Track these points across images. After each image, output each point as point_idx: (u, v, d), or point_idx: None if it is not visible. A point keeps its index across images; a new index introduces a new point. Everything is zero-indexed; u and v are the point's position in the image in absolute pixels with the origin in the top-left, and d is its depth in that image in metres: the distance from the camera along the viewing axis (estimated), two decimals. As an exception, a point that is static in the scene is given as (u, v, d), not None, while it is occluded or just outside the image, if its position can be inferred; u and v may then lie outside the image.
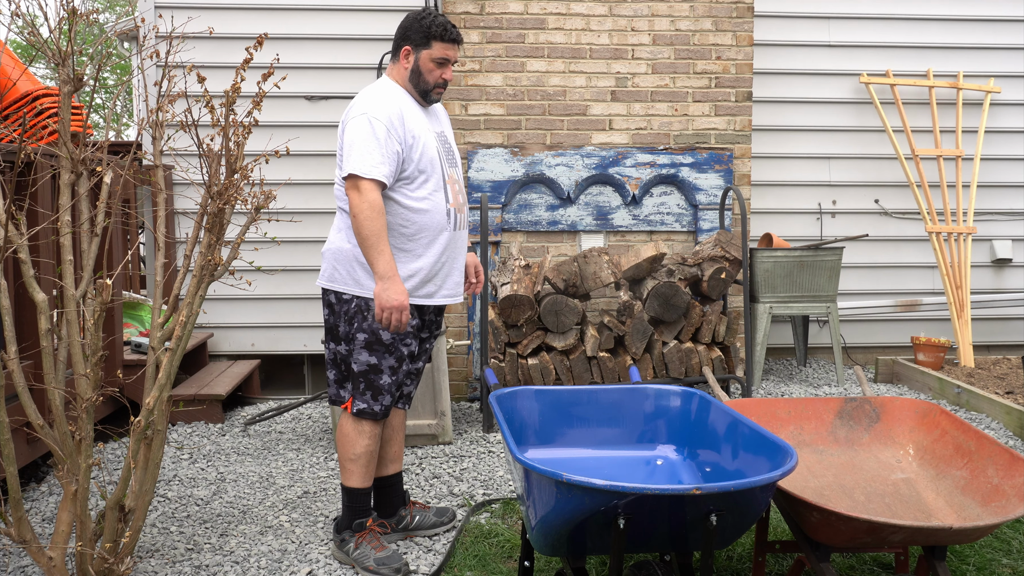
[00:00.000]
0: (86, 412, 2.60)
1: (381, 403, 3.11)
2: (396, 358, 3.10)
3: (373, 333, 3.06)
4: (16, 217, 2.63)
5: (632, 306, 5.01)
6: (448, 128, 3.32)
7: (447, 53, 3.09)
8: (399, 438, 3.35)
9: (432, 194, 3.06)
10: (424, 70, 3.09)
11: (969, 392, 5.02)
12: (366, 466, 3.15)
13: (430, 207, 3.06)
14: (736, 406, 2.98)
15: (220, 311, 5.89)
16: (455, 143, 3.34)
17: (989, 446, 2.69)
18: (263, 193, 2.97)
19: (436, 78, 3.11)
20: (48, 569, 2.66)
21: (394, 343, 3.08)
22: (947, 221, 6.07)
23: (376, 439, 3.16)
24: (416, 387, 3.37)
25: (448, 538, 3.36)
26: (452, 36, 3.09)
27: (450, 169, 3.17)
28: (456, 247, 3.18)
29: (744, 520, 2.29)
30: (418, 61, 3.09)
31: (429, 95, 3.14)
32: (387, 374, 3.10)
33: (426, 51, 3.08)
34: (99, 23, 16.51)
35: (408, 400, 3.35)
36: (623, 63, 5.64)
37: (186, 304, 2.79)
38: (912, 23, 6.34)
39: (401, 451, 3.38)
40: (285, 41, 5.80)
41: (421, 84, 3.11)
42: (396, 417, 3.33)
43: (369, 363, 3.08)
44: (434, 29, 3.06)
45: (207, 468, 4.24)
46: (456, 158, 3.26)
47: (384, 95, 3.06)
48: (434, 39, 3.06)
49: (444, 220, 3.09)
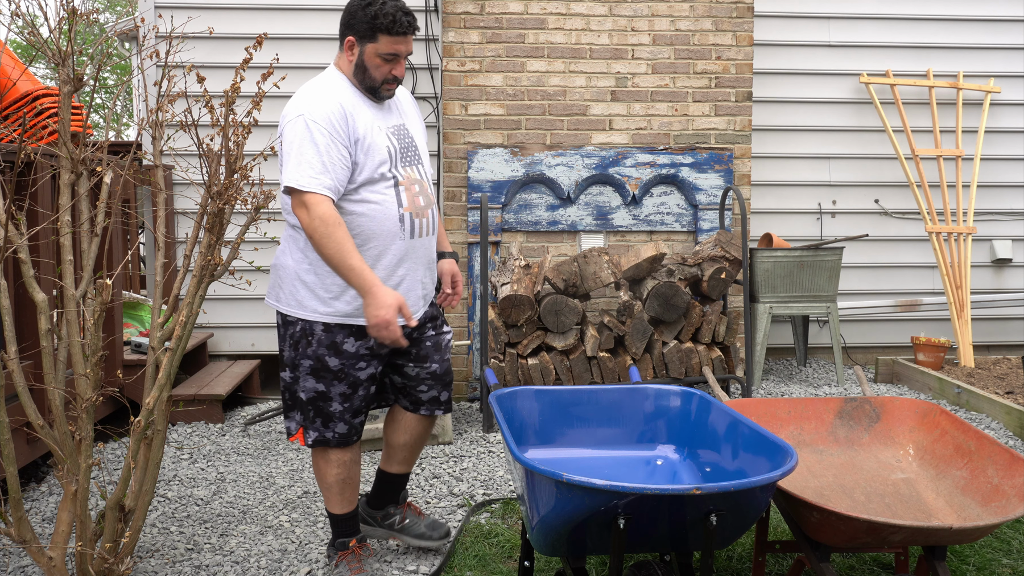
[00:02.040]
0: (86, 412, 2.60)
1: (334, 430, 2.83)
2: (348, 384, 2.80)
3: (319, 359, 2.76)
4: (16, 217, 2.63)
5: (632, 306, 5.01)
6: (413, 120, 2.93)
7: (396, 47, 2.69)
8: (411, 442, 3.06)
9: (380, 198, 2.71)
10: (370, 65, 2.72)
11: (969, 392, 5.02)
12: (340, 493, 2.92)
13: (376, 213, 2.71)
14: (736, 406, 2.98)
15: (220, 311, 5.89)
16: (422, 137, 2.94)
17: (989, 446, 2.69)
18: (263, 193, 2.97)
19: (384, 74, 2.73)
20: (48, 569, 2.66)
21: (344, 369, 2.77)
22: (947, 221, 6.07)
23: (346, 465, 2.89)
24: (439, 390, 3.01)
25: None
26: (401, 28, 2.67)
27: (406, 168, 2.78)
28: (415, 258, 2.81)
29: (744, 520, 2.29)
30: (363, 55, 2.71)
31: (378, 91, 2.77)
32: (337, 401, 2.80)
33: (371, 45, 2.69)
34: (99, 23, 16.50)
35: (430, 405, 3.01)
36: (623, 63, 5.64)
37: (186, 304, 2.79)
38: (912, 23, 6.34)
39: (411, 456, 3.10)
40: (285, 41, 5.80)
41: (367, 80, 2.75)
42: (419, 424, 3.03)
43: (316, 390, 2.79)
44: (380, 20, 2.65)
45: (207, 468, 4.24)
46: (420, 155, 2.87)
47: (324, 91, 2.73)
48: (380, 31, 2.66)
49: (396, 227, 2.74)
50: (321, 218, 2.53)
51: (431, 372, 2.96)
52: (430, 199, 2.87)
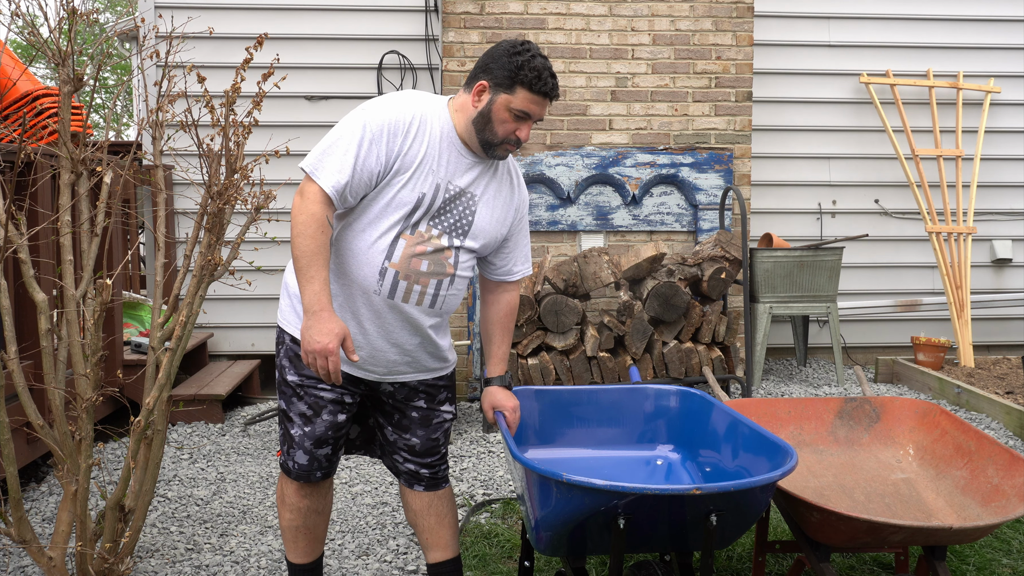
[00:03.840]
0: (86, 412, 2.60)
1: (293, 458, 2.51)
2: (308, 404, 2.46)
3: (282, 371, 2.51)
4: (16, 217, 2.63)
5: (632, 306, 5.01)
6: (495, 204, 2.50)
7: (531, 107, 2.35)
8: (429, 524, 2.63)
9: (369, 239, 2.35)
10: (496, 119, 2.36)
11: (969, 392, 5.02)
12: (293, 541, 2.60)
13: (354, 251, 2.36)
14: (736, 406, 2.98)
15: (220, 311, 5.89)
16: (491, 226, 2.48)
17: (989, 446, 2.69)
18: (263, 193, 2.97)
19: (508, 132, 2.38)
20: (48, 569, 2.66)
21: (304, 386, 2.46)
22: (947, 221, 6.07)
23: (301, 513, 2.56)
24: (417, 465, 2.59)
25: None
26: (545, 87, 2.35)
27: (432, 228, 2.38)
28: (390, 324, 2.41)
29: (744, 520, 2.29)
30: (492, 104, 2.36)
31: (494, 150, 2.41)
32: (298, 423, 2.47)
33: (505, 96, 2.34)
34: (99, 23, 16.50)
35: (408, 477, 2.61)
36: (623, 63, 5.64)
37: (186, 304, 2.79)
38: (912, 23, 6.35)
39: (436, 539, 2.63)
40: (285, 41, 5.80)
41: (487, 134, 2.38)
42: (416, 499, 2.62)
43: (281, 407, 2.54)
44: (526, 72, 2.32)
45: (207, 468, 4.24)
46: (465, 235, 2.43)
47: (411, 102, 2.40)
48: (521, 85, 2.33)
49: (371, 280, 2.35)
50: (311, 214, 2.26)
51: (409, 445, 2.58)
52: (445, 270, 2.42)
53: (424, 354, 2.50)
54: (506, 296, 2.68)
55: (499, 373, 2.67)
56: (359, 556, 3.24)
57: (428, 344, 2.49)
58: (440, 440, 2.61)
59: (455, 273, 2.44)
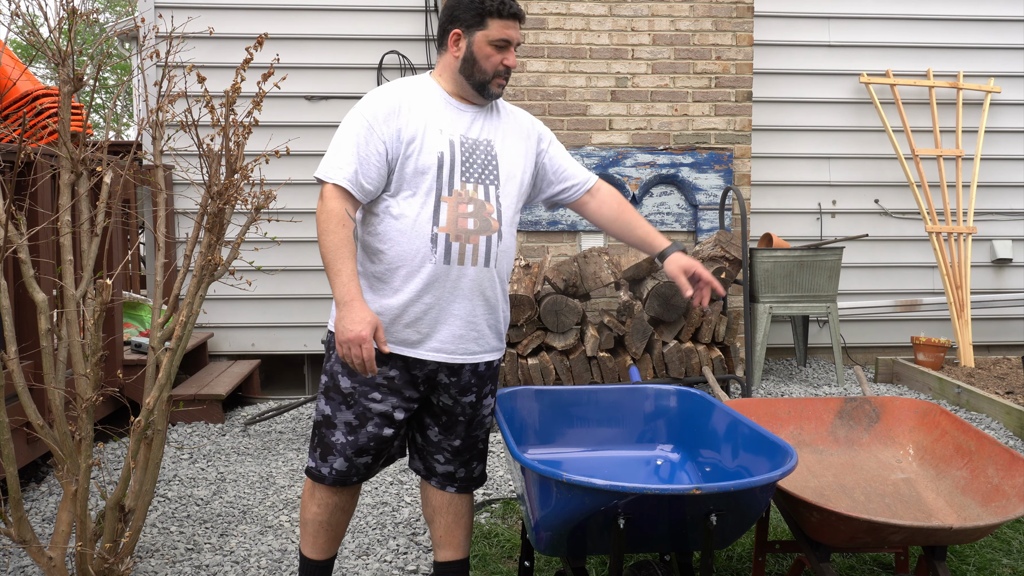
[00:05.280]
0: (86, 412, 2.60)
1: (331, 465, 2.52)
2: (356, 414, 2.48)
3: (332, 377, 2.52)
4: (16, 217, 2.63)
5: (632, 306, 5.01)
6: (511, 141, 2.58)
7: (507, 33, 2.45)
8: (447, 522, 2.66)
9: (409, 211, 2.42)
10: (480, 56, 2.45)
11: (969, 392, 5.02)
12: (314, 535, 2.61)
13: (399, 228, 2.42)
14: (736, 406, 2.98)
15: (220, 311, 5.89)
16: (515, 160, 2.57)
17: (989, 446, 2.69)
18: (263, 193, 2.97)
19: (495, 65, 2.46)
20: (48, 569, 2.66)
21: (355, 395, 2.48)
22: (947, 221, 6.07)
23: (329, 508, 2.57)
24: (456, 466, 2.63)
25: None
26: (511, 9, 2.45)
27: (465, 184, 2.45)
28: (456, 288, 2.45)
29: (744, 520, 2.29)
30: (471, 46, 2.46)
31: (488, 88, 2.49)
32: (341, 431, 2.50)
33: (481, 32, 2.44)
34: (99, 23, 16.50)
35: (442, 479, 2.63)
36: (623, 63, 5.64)
37: (186, 304, 2.79)
38: (912, 23, 6.35)
39: (450, 537, 2.66)
40: (285, 41, 5.80)
41: (477, 75, 2.47)
42: (440, 499, 2.65)
43: (324, 413, 2.54)
44: (489, 3, 2.43)
45: (207, 468, 4.24)
46: (497, 176, 2.51)
47: (394, 86, 2.51)
48: (490, 16, 2.43)
49: (426, 249, 2.41)
50: (329, 212, 2.36)
51: (453, 447, 2.60)
52: (491, 226, 2.47)
53: (486, 327, 2.53)
54: (601, 194, 2.75)
55: (667, 243, 2.71)
56: (359, 556, 3.24)
57: (489, 313, 2.53)
58: (480, 436, 2.66)
59: (500, 228, 2.50)
